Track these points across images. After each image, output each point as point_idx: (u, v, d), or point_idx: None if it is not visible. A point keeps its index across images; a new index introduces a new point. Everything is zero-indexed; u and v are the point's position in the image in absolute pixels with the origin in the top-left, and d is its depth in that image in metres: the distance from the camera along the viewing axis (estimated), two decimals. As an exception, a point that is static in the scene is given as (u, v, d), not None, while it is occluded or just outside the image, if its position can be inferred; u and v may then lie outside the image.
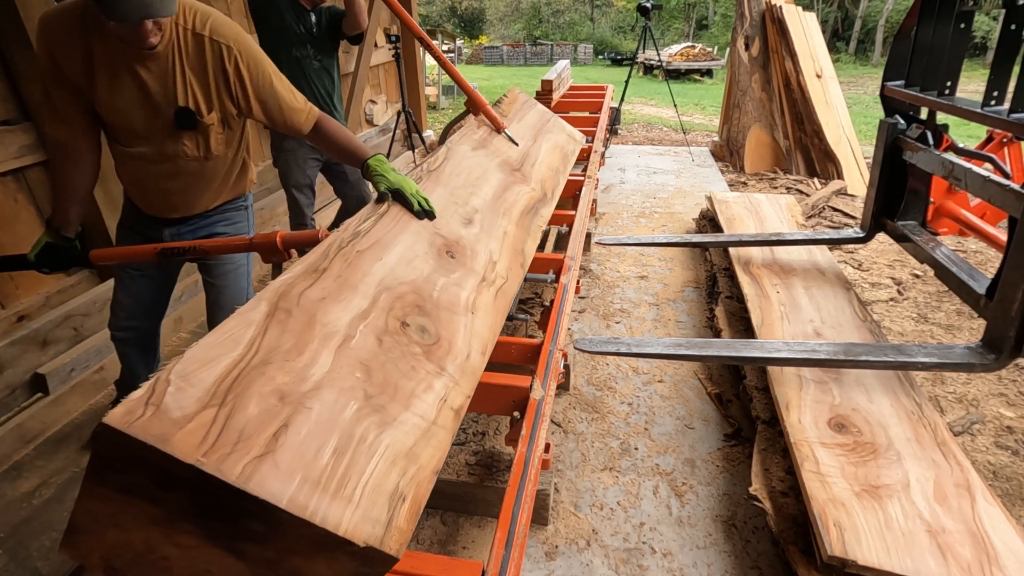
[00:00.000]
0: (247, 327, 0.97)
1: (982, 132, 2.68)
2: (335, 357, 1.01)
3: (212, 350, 0.90)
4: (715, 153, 5.94)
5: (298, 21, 2.45)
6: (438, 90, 10.65)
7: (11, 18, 2.04)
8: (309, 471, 0.82)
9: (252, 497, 0.75)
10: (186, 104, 1.42)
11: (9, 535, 1.70)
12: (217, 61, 1.41)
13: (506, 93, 2.87)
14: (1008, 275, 1.58)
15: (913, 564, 1.25)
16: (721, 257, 3.04)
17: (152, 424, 0.75)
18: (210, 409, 0.81)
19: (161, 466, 0.74)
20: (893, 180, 2.35)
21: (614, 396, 2.28)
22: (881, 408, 1.72)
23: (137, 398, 0.77)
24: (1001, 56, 1.71)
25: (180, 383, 0.81)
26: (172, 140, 1.47)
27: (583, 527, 1.71)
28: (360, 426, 0.94)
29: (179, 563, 0.82)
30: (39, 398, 2.11)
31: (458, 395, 1.17)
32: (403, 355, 1.13)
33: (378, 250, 1.32)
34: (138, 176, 1.55)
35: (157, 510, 0.78)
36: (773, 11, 5.18)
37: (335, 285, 1.16)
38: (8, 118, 2.13)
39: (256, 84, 1.46)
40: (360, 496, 0.85)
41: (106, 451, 0.75)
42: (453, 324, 1.31)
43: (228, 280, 1.78)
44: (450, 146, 2.03)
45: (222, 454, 0.76)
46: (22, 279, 2.23)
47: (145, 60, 1.35)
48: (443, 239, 1.53)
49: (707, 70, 16.71)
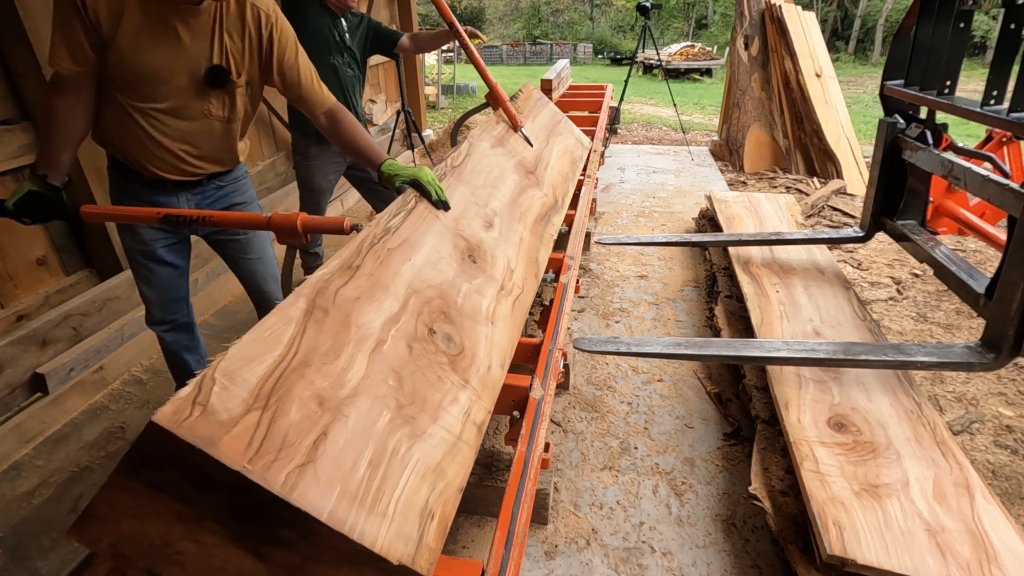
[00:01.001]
0: (287, 324, 0.95)
1: (981, 131, 2.69)
2: (369, 362, 0.99)
3: (255, 347, 0.88)
4: (714, 152, 5.94)
5: (333, 28, 2.44)
6: (437, 89, 10.65)
7: (11, 18, 2.04)
8: (347, 483, 0.81)
9: (293, 508, 0.73)
10: (220, 63, 1.45)
11: (9, 535, 1.70)
12: (255, 25, 1.47)
13: (521, 88, 2.85)
14: (1007, 274, 1.58)
15: (912, 563, 1.25)
16: (720, 256, 3.04)
17: (199, 426, 0.73)
18: (254, 412, 0.79)
19: (202, 468, 0.73)
20: (892, 179, 2.35)
21: (614, 395, 2.28)
22: (880, 407, 1.72)
23: (184, 396, 0.75)
24: (1000, 55, 1.71)
25: (225, 382, 0.80)
26: (198, 98, 1.48)
27: (583, 526, 1.71)
28: (393, 438, 0.92)
29: (194, 559, 0.81)
30: (38, 398, 2.11)
31: (480, 409, 1.13)
32: (430, 364, 1.10)
33: (407, 250, 1.30)
34: (151, 135, 1.48)
35: (185, 508, 0.77)
36: (772, 10, 5.18)
37: (368, 284, 1.13)
38: (7, 118, 2.13)
39: (283, 53, 1.52)
40: (393, 512, 0.83)
41: (148, 448, 0.73)
42: (476, 334, 1.28)
43: (264, 250, 1.83)
44: (472, 142, 1.97)
45: (266, 461, 0.75)
46: (21, 279, 2.22)
47: (186, 16, 1.37)
48: (466, 242, 1.50)
49: (706, 69, 16.71)
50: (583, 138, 3.06)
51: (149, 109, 1.45)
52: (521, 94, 2.73)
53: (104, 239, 2.44)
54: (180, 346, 1.88)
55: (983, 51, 21.43)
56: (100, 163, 2.34)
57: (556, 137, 2.69)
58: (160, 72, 1.40)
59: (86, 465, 1.95)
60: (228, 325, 2.80)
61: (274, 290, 1.90)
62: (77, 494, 1.84)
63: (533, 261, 1.76)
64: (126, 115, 1.45)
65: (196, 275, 2.81)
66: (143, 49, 1.36)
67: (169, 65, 1.40)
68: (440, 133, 6.98)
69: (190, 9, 1.36)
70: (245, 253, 1.81)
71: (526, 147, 2.31)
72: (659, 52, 9.71)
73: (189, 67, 1.43)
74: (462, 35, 2.37)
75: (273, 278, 1.89)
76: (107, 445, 2.04)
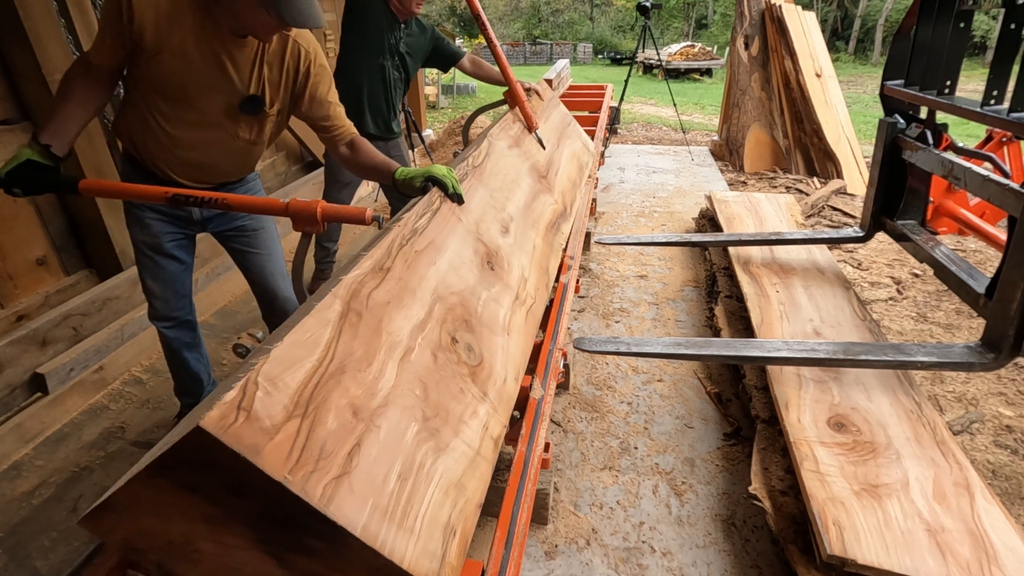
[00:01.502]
0: (324, 327, 0.92)
1: (981, 131, 2.69)
2: (398, 371, 0.97)
3: (295, 351, 0.85)
4: (714, 152, 5.95)
5: (390, 31, 2.47)
6: (437, 89, 10.65)
7: (11, 18, 2.03)
8: (379, 497, 0.79)
9: (329, 521, 0.72)
10: (256, 93, 1.50)
11: (9, 534, 1.70)
12: (294, 60, 1.53)
13: (537, 86, 2.82)
14: (1007, 274, 1.58)
15: (912, 563, 1.25)
16: (720, 256, 3.04)
17: (244, 433, 0.71)
18: (295, 419, 0.77)
19: (241, 474, 0.71)
20: (892, 179, 2.35)
21: (613, 395, 2.28)
22: (880, 407, 1.72)
23: (230, 401, 0.73)
24: (1001, 55, 1.71)
25: (268, 387, 0.78)
26: (230, 121, 1.52)
27: (583, 526, 1.71)
28: (420, 451, 0.90)
29: (211, 558, 0.80)
30: (39, 398, 2.11)
31: (496, 424, 1.11)
32: (453, 375, 1.08)
33: (432, 253, 1.27)
34: (174, 142, 1.52)
35: (215, 510, 0.75)
36: (772, 10, 5.18)
37: (398, 288, 1.11)
38: (7, 118, 2.13)
39: (316, 89, 1.58)
40: (420, 528, 0.82)
41: (189, 450, 0.71)
42: (493, 344, 1.25)
43: (273, 246, 1.85)
44: (491, 141, 1.94)
45: (306, 472, 0.74)
46: (21, 279, 2.22)
47: (231, 47, 1.41)
48: (485, 247, 1.47)
49: (706, 69, 16.71)
50: (589, 143, 3.00)
51: (177, 120, 1.48)
52: (536, 93, 2.67)
53: (104, 239, 2.44)
54: (181, 343, 1.88)
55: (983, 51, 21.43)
56: (100, 163, 2.35)
57: (565, 141, 2.64)
58: (198, 93, 1.44)
59: (86, 465, 1.95)
60: (228, 325, 2.80)
61: (282, 286, 1.89)
62: (77, 494, 1.84)
63: (544, 271, 1.71)
64: (151, 119, 1.48)
65: (196, 275, 2.80)
66: (187, 68, 1.40)
67: (208, 87, 1.44)
68: (440, 133, 6.98)
69: (237, 41, 1.42)
70: (253, 248, 1.82)
71: (539, 150, 2.28)
72: (659, 52, 9.72)
73: (227, 92, 1.47)
74: (488, 30, 2.36)
75: (281, 274, 1.89)
76: (107, 445, 2.04)
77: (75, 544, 1.66)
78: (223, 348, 2.59)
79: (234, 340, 1.53)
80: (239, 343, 1.35)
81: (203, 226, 1.73)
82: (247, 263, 1.84)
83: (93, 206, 2.35)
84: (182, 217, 1.67)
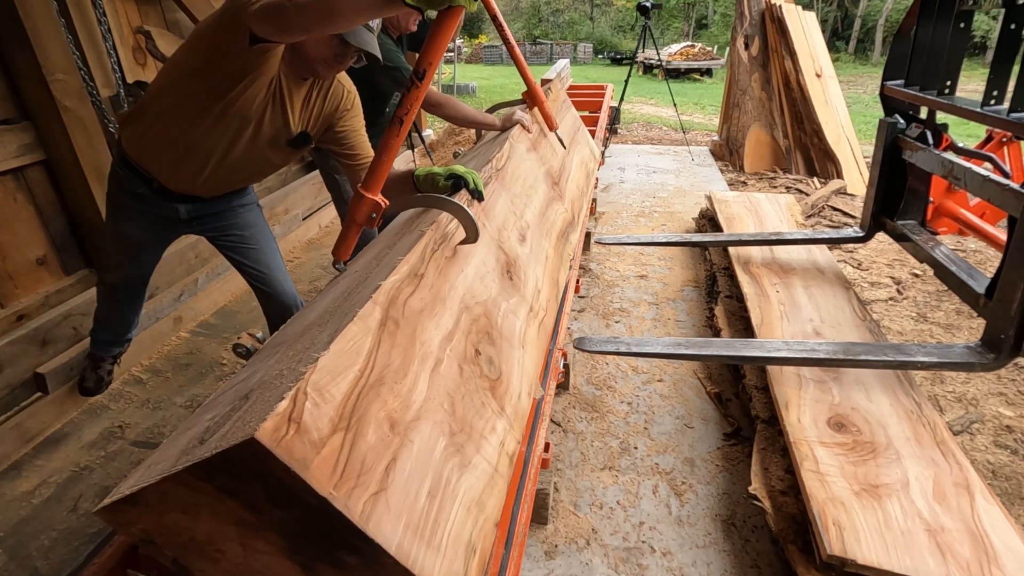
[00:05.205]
0: (366, 336, 0.90)
1: (982, 132, 2.69)
2: (429, 383, 0.95)
3: (340, 360, 0.84)
4: (715, 152, 5.94)
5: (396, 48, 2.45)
6: (438, 90, 10.64)
7: (11, 18, 2.03)
8: (411, 514, 0.78)
9: (367, 538, 0.71)
10: (307, 129, 1.59)
11: (9, 534, 1.70)
12: (337, 100, 1.62)
13: (550, 86, 2.81)
14: (1007, 274, 1.58)
15: (912, 563, 1.25)
16: (721, 256, 3.04)
17: (295, 446, 0.70)
18: (339, 433, 0.76)
19: (286, 486, 0.70)
20: (893, 179, 2.35)
21: (613, 395, 2.28)
22: (880, 407, 1.72)
23: (282, 412, 0.71)
24: (1001, 55, 1.71)
25: (316, 398, 0.76)
26: (273, 149, 1.58)
27: (583, 526, 1.71)
28: (447, 467, 0.89)
29: (233, 559, 0.78)
30: (39, 398, 2.11)
31: (512, 440, 1.09)
32: (476, 389, 1.06)
33: (460, 260, 1.24)
34: (195, 154, 1.52)
35: (251, 516, 0.74)
36: (773, 10, 5.18)
37: (430, 296, 1.09)
38: (7, 118, 2.13)
39: (349, 127, 1.66)
40: (445, 546, 0.81)
41: (238, 458, 0.69)
42: (511, 358, 1.23)
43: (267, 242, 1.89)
44: (512, 143, 1.90)
45: (348, 488, 0.72)
46: (21, 279, 2.22)
47: (293, 87, 1.50)
48: (505, 256, 1.44)
49: (707, 69, 16.70)
50: (596, 149, 2.95)
51: (222, 135, 1.49)
52: (551, 93, 2.60)
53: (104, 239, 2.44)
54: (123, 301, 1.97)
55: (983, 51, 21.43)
56: (100, 163, 2.34)
57: (575, 146, 2.59)
58: (254, 123, 1.49)
59: (86, 465, 1.95)
60: (228, 325, 2.80)
61: (281, 279, 1.88)
62: (77, 494, 1.84)
63: (555, 282, 1.67)
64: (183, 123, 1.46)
65: (196, 275, 2.81)
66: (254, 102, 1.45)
67: (267, 116, 1.49)
68: (440, 133, 6.98)
69: (299, 82, 1.51)
70: (246, 244, 1.82)
71: (553, 154, 2.23)
72: (659, 52, 9.71)
73: (279, 124, 1.53)
74: (505, 30, 2.34)
75: (279, 268, 1.89)
76: (107, 445, 2.04)
77: (75, 544, 1.66)
78: (223, 348, 2.59)
79: (234, 340, 1.53)
80: (239, 343, 1.36)
81: (188, 226, 1.73)
82: (241, 258, 1.84)
83: (93, 206, 2.35)
84: (167, 217, 1.67)
